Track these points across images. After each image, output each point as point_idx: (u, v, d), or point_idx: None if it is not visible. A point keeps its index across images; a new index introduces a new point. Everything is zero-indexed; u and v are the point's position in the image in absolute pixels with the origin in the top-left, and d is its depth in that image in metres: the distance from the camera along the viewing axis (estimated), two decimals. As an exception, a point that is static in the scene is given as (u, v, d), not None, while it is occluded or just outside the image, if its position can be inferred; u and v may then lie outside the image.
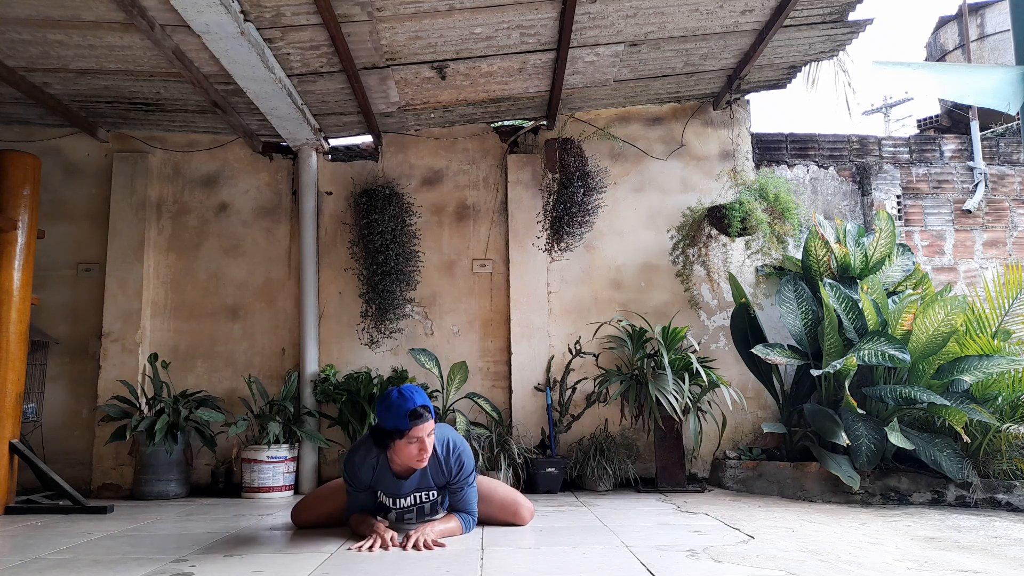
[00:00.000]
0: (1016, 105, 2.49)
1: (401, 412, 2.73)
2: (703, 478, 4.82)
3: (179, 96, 4.49)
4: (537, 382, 4.91)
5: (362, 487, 2.96)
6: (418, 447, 2.77)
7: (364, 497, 3.00)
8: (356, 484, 2.96)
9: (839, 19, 4.17)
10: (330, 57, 4.02)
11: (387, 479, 2.94)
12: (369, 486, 2.97)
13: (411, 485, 2.96)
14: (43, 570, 2.44)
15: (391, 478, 2.94)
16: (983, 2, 6.61)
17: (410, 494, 2.98)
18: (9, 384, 3.91)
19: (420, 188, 5.17)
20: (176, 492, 4.48)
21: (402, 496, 2.98)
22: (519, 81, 4.58)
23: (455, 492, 3.00)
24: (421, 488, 2.98)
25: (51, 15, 3.52)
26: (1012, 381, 3.98)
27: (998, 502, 3.81)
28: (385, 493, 2.99)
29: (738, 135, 5.27)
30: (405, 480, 2.94)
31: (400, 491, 2.96)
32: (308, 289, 4.91)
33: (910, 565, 2.40)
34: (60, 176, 5.06)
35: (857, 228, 4.82)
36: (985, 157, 5.46)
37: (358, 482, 2.95)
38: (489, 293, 5.08)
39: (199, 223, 5.12)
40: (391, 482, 2.95)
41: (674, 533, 3.00)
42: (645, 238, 5.14)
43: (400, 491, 2.96)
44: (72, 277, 4.97)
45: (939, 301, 3.95)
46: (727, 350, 5.00)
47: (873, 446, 3.92)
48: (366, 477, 2.93)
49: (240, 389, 4.87)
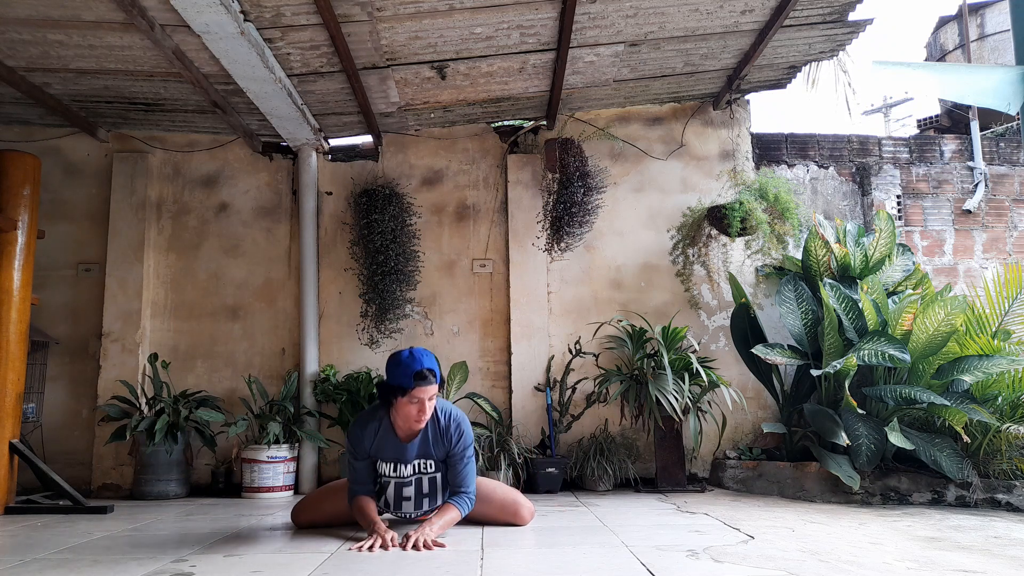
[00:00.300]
0: (1016, 105, 2.49)
1: (408, 371, 2.82)
2: (703, 478, 4.82)
3: (179, 96, 4.49)
4: (537, 382, 4.91)
5: (363, 455, 3.01)
6: (418, 408, 2.86)
7: (364, 468, 3.03)
8: (358, 450, 3.01)
9: (839, 19, 4.17)
10: (330, 57, 4.02)
11: (389, 443, 3.00)
12: (370, 455, 3.02)
13: (413, 451, 3.01)
14: (43, 570, 2.44)
15: (394, 441, 3.00)
16: (983, 2, 6.61)
17: (411, 462, 3.02)
18: (9, 384, 3.91)
19: (420, 188, 5.17)
20: (176, 492, 4.48)
21: (404, 462, 3.02)
22: (519, 81, 4.58)
23: (455, 465, 3.02)
24: (421, 456, 3.02)
25: (51, 15, 3.52)
26: (1012, 381, 3.98)
27: (998, 502, 3.81)
28: (386, 460, 3.02)
29: (738, 135, 5.28)
30: (407, 444, 3.00)
31: (403, 456, 3.01)
32: (308, 289, 4.91)
33: (910, 565, 2.40)
34: (60, 176, 5.06)
35: (857, 228, 4.82)
36: (985, 157, 5.46)
37: (360, 448, 3.00)
38: (489, 293, 5.08)
39: (199, 223, 5.12)
40: (393, 446, 3.00)
41: (674, 533, 3.00)
42: (645, 238, 5.14)
43: (403, 456, 3.01)
44: (72, 277, 4.97)
45: (939, 301, 3.95)
46: (727, 350, 5.00)
47: (873, 446, 3.92)
48: (368, 442, 2.99)
49: (240, 389, 4.87)
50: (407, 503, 3.09)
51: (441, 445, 3.02)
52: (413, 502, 3.08)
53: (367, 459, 3.03)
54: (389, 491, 3.07)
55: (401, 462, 3.02)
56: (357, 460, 3.03)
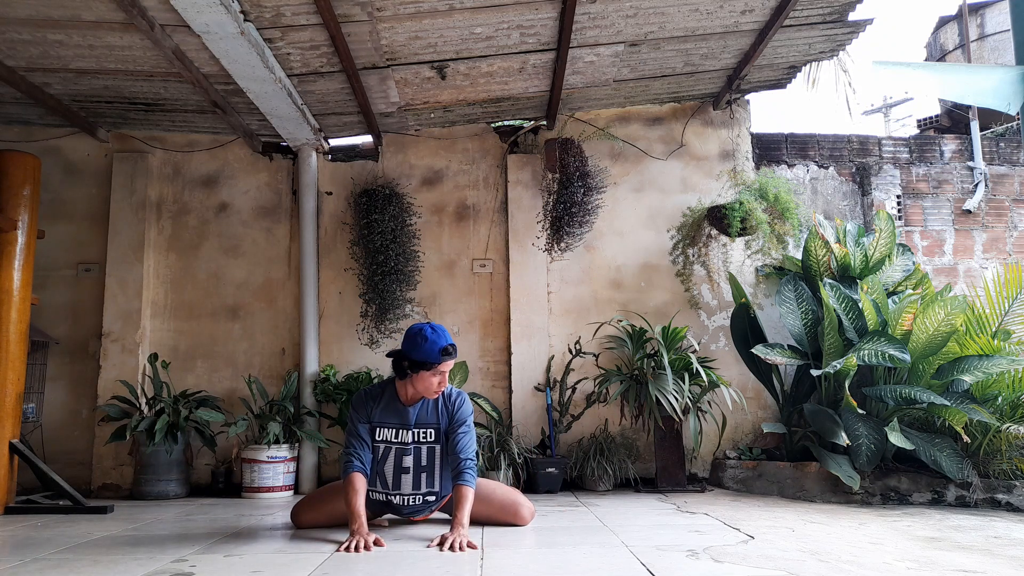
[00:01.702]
0: (1016, 105, 2.49)
1: (435, 347, 2.96)
2: (703, 478, 4.82)
3: (179, 96, 4.49)
4: (537, 382, 4.91)
5: (366, 418, 3.08)
6: (440, 380, 3.03)
7: (365, 431, 3.07)
8: (361, 413, 3.09)
9: (839, 19, 4.17)
10: (330, 57, 4.02)
11: (393, 407, 3.11)
12: (371, 419, 3.08)
13: (414, 415, 3.10)
14: (43, 570, 2.44)
15: (397, 405, 3.11)
16: (983, 2, 6.61)
17: (412, 428, 3.09)
18: (9, 384, 3.91)
19: (420, 188, 5.17)
20: (176, 492, 4.48)
21: (405, 427, 3.09)
22: (519, 81, 4.58)
23: (456, 431, 3.08)
24: (421, 423, 3.10)
25: (51, 15, 3.52)
26: (1012, 381, 3.98)
27: (998, 502, 3.81)
28: (388, 426, 3.09)
29: (738, 135, 5.28)
30: (409, 408, 3.11)
31: (405, 419, 3.09)
32: (308, 289, 4.91)
33: (910, 565, 2.40)
34: (60, 176, 5.06)
35: (857, 228, 4.82)
36: (985, 157, 5.46)
37: (363, 411, 3.09)
38: (489, 293, 5.08)
39: (199, 223, 5.12)
40: (396, 409, 3.10)
41: (674, 533, 3.00)
42: (645, 238, 5.14)
43: (405, 419, 3.09)
44: (72, 277, 4.97)
45: (939, 301, 3.95)
46: (727, 350, 5.00)
47: (873, 446, 3.92)
48: (372, 406, 3.10)
49: (240, 389, 4.87)
50: (406, 477, 3.09)
51: (445, 412, 3.12)
52: (412, 477, 3.09)
53: (368, 423, 3.09)
54: (388, 463, 3.08)
55: (403, 427, 3.09)
56: (359, 423, 3.09)
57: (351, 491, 2.93)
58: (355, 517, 2.85)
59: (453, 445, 3.06)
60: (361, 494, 2.94)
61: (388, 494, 3.12)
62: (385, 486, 3.11)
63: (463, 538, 2.71)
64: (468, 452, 3.05)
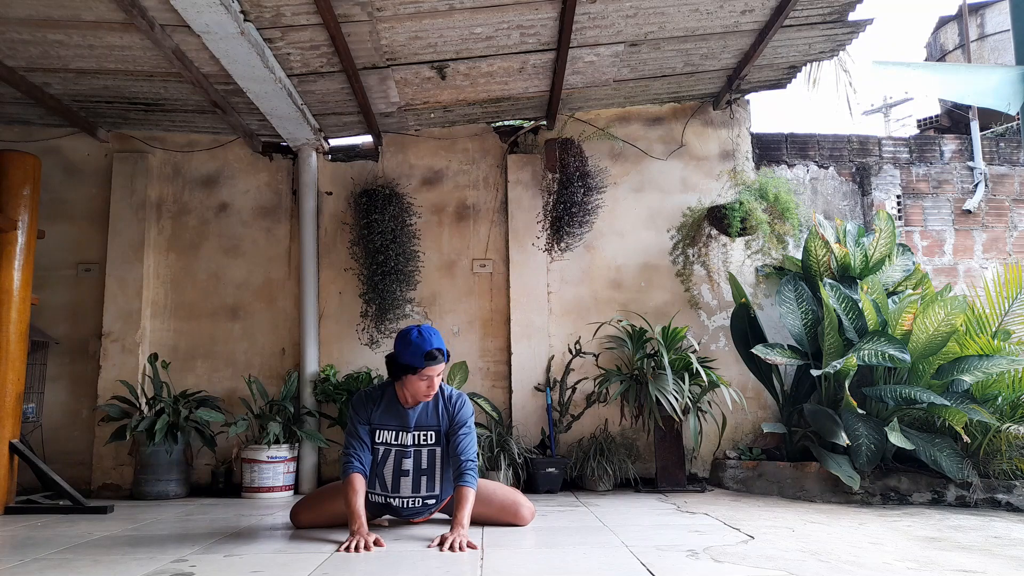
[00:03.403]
0: (1016, 105, 2.49)
1: (418, 352, 2.92)
2: (703, 478, 4.82)
3: (179, 96, 4.48)
4: (537, 382, 4.91)
5: (365, 419, 3.07)
6: (427, 384, 3.00)
7: (365, 432, 3.06)
8: (361, 414, 3.07)
9: (839, 19, 4.17)
10: (330, 57, 4.02)
11: (393, 409, 3.10)
12: (370, 421, 3.07)
13: (414, 417, 3.09)
14: (43, 570, 2.44)
15: (397, 407, 3.09)
16: (983, 2, 6.61)
17: (412, 430, 3.08)
18: (9, 384, 3.91)
19: (420, 188, 5.17)
20: (176, 492, 4.48)
21: (405, 429, 3.08)
22: (519, 81, 4.58)
23: (456, 432, 3.07)
24: (422, 426, 3.09)
25: (51, 15, 3.52)
26: (1012, 381, 3.98)
27: (998, 502, 3.81)
28: (388, 428, 3.08)
29: (738, 135, 5.28)
30: (410, 411, 3.10)
31: (405, 421, 3.08)
32: (308, 289, 4.91)
33: (910, 565, 2.40)
34: (60, 176, 5.06)
35: (857, 228, 4.82)
36: (985, 157, 5.46)
37: (362, 412, 3.08)
38: (489, 293, 5.08)
39: (199, 223, 5.12)
40: (396, 411, 3.09)
41: (674, 533, 3.00)
42: (645, 238, 5.14)
43: (405, 421, 3.08)
44: (72, 277, 4.97)
45: (939, 301, 3.95)
46: (727, 350, 5.00)
47: (873, 446, 3.92)
48: (370, 408, 3.09)
49: (240, 389, 4.87)
50: (405, 480, 3.08)
51: (445, 414, 3.11)
52: (411, 479, 3.09)
53: (368, 424, 3.08)
54: (388, 465, 3.07)
55: (403, 429, 3.08)
56: (359, 424, 3.08)
57: (351, 491, 2.92)
58: (355, 517, 2.85)
59: (454, 447, 3.06)
60: (361, 494, 2.94)
61: (387, 496, 3.12)
62: (384, 488, 3.11)
63: (463, 538, 2.71)
64: (469, 453, 3.04)
